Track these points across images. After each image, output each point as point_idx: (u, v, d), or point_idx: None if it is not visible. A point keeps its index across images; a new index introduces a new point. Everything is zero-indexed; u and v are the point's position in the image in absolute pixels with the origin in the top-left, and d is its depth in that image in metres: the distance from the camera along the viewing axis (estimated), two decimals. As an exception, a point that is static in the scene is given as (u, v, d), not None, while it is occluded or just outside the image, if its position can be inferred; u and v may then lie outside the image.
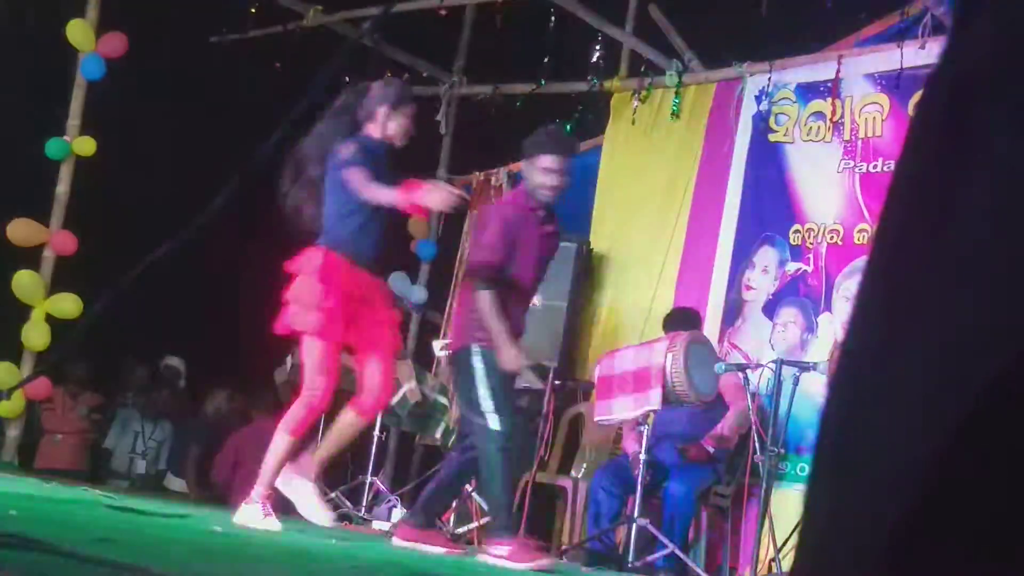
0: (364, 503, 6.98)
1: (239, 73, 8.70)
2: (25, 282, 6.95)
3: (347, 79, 8.62)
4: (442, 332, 8.46)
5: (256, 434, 8.50)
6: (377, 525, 6.42)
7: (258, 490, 4.77)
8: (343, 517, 6.72)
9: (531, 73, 8.18)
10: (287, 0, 8.38)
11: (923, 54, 6.36)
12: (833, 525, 0.71)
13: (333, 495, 6.86)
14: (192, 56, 8.63)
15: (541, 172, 4.95)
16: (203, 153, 8.37)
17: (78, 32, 7.09)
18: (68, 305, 6.96)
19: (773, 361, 5.57)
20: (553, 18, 7.58)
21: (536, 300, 5.41)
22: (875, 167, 6.55)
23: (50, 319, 6.97)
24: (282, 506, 5.12)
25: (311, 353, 4.72)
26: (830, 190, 6.73)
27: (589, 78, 7.91)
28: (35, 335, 6.94)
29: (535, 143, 5.01)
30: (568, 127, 7.70)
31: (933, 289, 0.69)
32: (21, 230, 7.02)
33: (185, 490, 8.88)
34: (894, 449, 0.68)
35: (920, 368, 0.68)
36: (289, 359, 7.80)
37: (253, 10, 8.32)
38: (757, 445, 5.27)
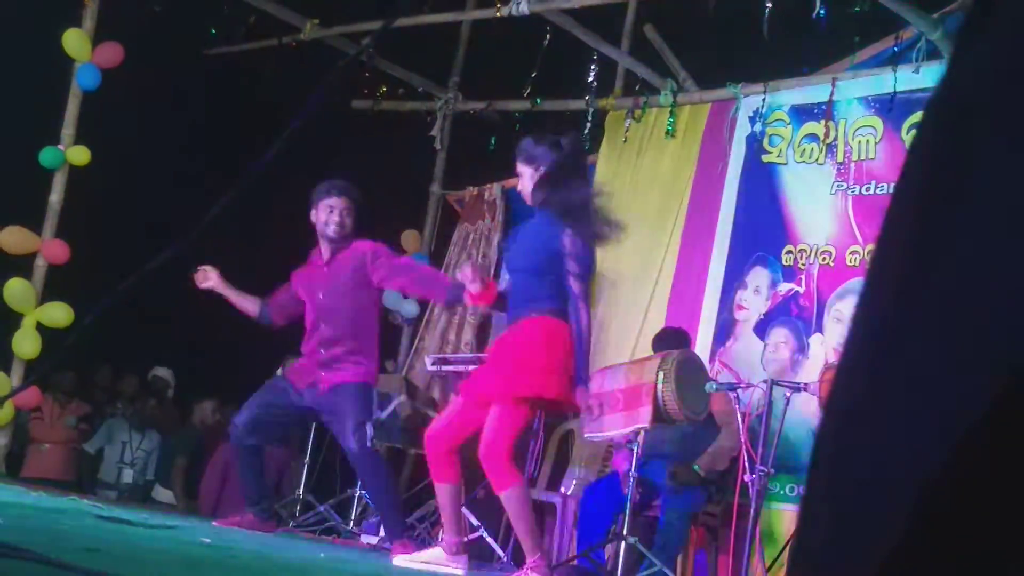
0: (352, 516, 6.97)
1: (234, 86, 8.71)
2: (16, 290, 6.93)
3: (342, 94, 8.69)
4: (415, 341, 8.46)
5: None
6: (365, 539, 6.40)
7: None
8: (332, 530, 6.71)
9: (526, 90, 8.21)
10: (284, 14, 8.39)
11: (917, 78, 6.39)
12: (829, 542, 0.72)
13: (321, 508, 6.84)
14: (187, 68, 8.64)
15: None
16: (197, 165, 8.37)
17: (74, 41, 7.09)
18: (59, 314, 6.94)
19: (764, 381, 5.58)
20: (549, 36, 7.60)
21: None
22: (868, 190, 6.57)
23: (41, 328, 6.96)
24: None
25: None
26: (823, 212, 6.76)
27: (586, 96, 7.93)
28: (26, 343, 6.92)
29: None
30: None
31: (932, 309, 0.69)
32: (13, 238, 7.01)
33: (173, 501, 8.86)
34: (891, 467, 0.68)
35: (919, 385, 0.69)
36: (279, 371, 7.80)
37: (251, 21, 8.32)
38: (747, 464, 5.26)
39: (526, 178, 4.75)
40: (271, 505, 6.06)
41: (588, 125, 7.96)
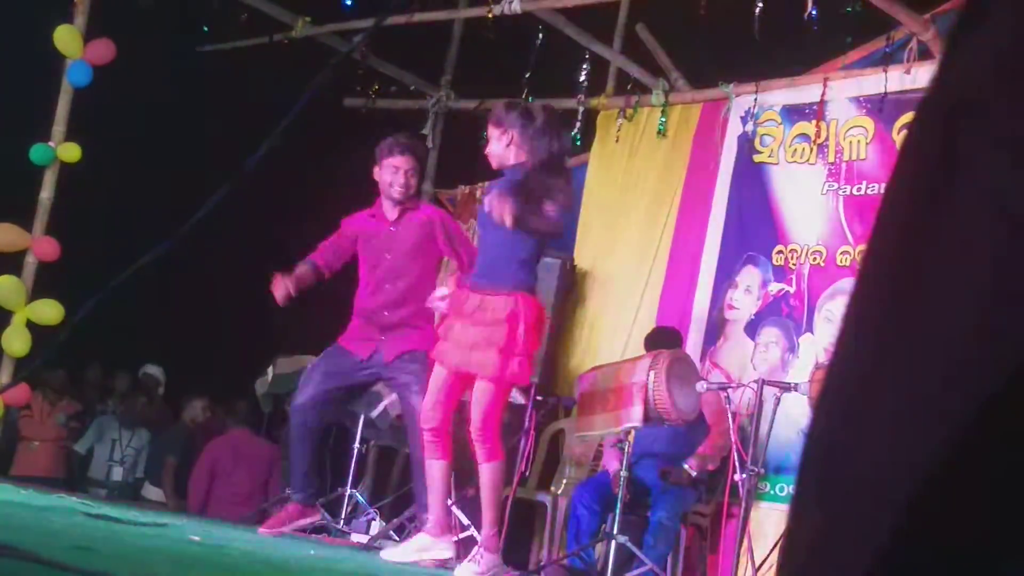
0: (343, 515, 6.96)
1: (226, 83, 8.69)
2: (6, 287, 6.91)
3: (334, 91, 8.68)
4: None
5: (231, 445, 8.49)
6: (356, 537, 6.39)
7: None
8: (322, 529, 6.70)
9: (519, 88, 8.21)
10: (276, 11, 8.38)
11: (908, 79, 6.40)
12: (818, 544, 0.72)
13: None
14: (179, 65, 8.62)
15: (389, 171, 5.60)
16: (188, 162, 8.36)
17: (65, 38, 7.07)
18: (49, 311, 6.92)
19: (755, 381, 5.59)
20: (541, 35, 7.60)
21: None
22: (859, 190, 6.58)
23: (31, 325, 6.94)
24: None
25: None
26: (814, 212, 6.76)
27: (578, 95, 7.93)
28: (15, 341, 6.90)
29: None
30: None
31: (921, 313, 0.69)
32: (3, 235, 6.99)
33: (162, 499, 8.85)
34: (881, 469, 0.68)
35: (908, 390, 0.69)
36: (270, 370, 7.79)
37: (242, 18, 8.30)
38: (737, 464, 5.27)
39: (493, 140, 4.83)
40: (316, 492, 5.89)
41: (579, 124, 7.97)
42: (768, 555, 5.47)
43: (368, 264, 5.73)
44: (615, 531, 5.33)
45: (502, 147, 4.78)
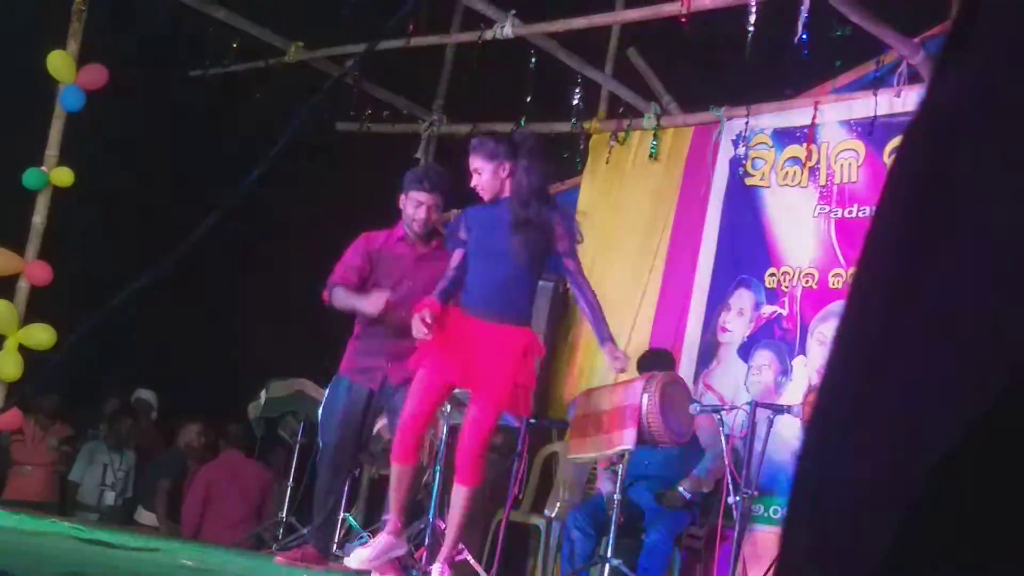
0: (336, 539, 6.93)
1: (219, 108, 8.71)
2: (-2, 312, 6.90)
3: (327, 116, 8.71)
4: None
5: (226, 469, 8.46)
6: (348, 562, 6.36)
7: None
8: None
9: (511, 113, 8.23)
10: (269, 36, 8.40)
11: (898, 102, 6.44)
12: (810, 565, 0.72)
13: (305, 531, 6.80)
14: (172, 90, 8.64)
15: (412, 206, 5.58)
16: (180, 187, 8.37)
17: (58, 63, 7.08)
18: (42, 336, 6.91)
19: (747, 403, 5.59)
20: (533, 59, 7.63)
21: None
22: (850, 212, 6.60)
23: (23, 350, 6.92)
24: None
25: None
26: (805, 234, 6.79)
27: (572, 120, 7.96)
28: (7, 365, 6.88)
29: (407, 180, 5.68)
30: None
31: (912, 332, 0.70)
32: (-4, 259, 6.98)
33: (155, 523, 8.81)
34: (871, 491, 0.69)
35: (901, 408, 0.69)
36: (263, 394, 7.77)
37: (235, 44, 8.33)
38: (731, 487, 5.27)
39: (487, 173, 4.87)
40: (332, 536, 5.86)
41: (582, 147, 8.01)
42: (762, 578, 5.46)
43: (382, 284, 5.58)
44: (609, 554, 5.32)
45: (499, 180, 4.83)
